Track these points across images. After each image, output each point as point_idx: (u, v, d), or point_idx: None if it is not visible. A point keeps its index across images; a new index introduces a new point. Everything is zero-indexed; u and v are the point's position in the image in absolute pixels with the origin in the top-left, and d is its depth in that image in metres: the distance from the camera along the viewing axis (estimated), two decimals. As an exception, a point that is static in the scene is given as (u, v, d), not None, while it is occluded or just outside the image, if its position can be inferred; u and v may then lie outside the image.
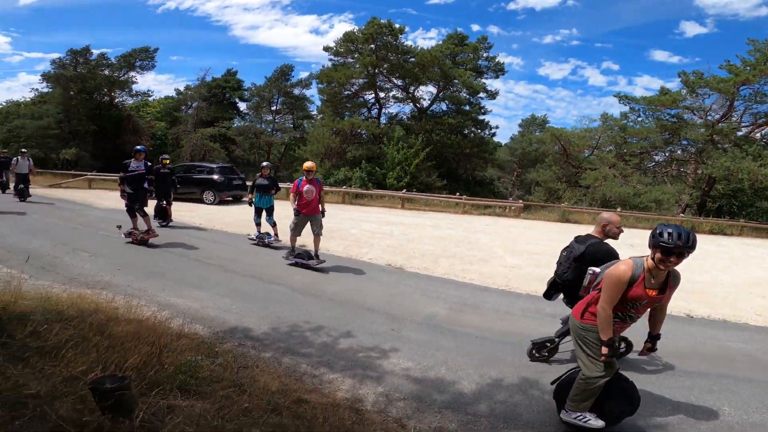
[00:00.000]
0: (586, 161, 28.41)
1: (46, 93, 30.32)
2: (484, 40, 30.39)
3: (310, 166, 7.09)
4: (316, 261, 7.01)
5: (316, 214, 7.14)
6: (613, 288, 2.65)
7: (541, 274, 7.92)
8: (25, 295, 3.89)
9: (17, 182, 13.81)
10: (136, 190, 7.99)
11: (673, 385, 3.85)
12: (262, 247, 8.49)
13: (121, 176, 8.00)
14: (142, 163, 8.04)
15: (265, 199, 8.72)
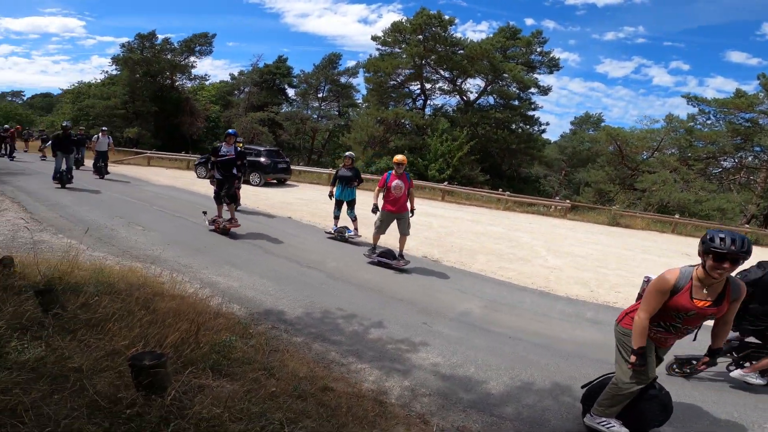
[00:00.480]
0: (644, 163, 26.65)
1: (114, 75, 32.38)
2: (539, 35, 29.12)
3: (401, 159, 6.66)
4: (401, 262, 6.64)
5: (404, 212, 6.70)
6: (652, 296, 2.56)
7: (584, 277, 7.58)
8: (81, 265, 4.18)
9: (96, 159, 14.17)
10: (226, 177, 7.63)
11: (716, 400, 3.61)
12: (340, 241, 8.13)
13: (211, 161, 7.67)
14: (232, 147, 7.67)
15: (348, 191, 8.26)
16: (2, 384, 1.96)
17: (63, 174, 11.09)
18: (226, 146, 7.64)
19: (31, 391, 1.96)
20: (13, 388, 1.94)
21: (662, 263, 9.91)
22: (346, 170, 8.31)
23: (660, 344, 2.78)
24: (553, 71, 29.95)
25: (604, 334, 4.94)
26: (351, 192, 8.31)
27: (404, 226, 6.72)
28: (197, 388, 2.36)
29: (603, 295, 6.66)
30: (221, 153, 7.61)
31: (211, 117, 34.97)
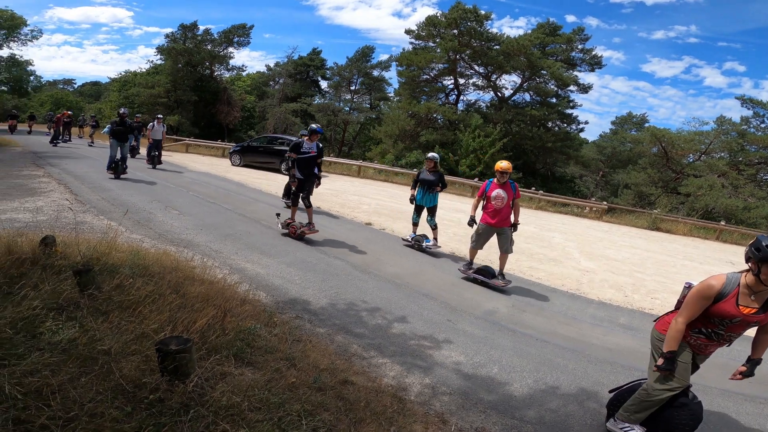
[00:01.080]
0: (690, 167, 25.26)
1: (159, 65, 33.66)
2: (580, 32, 28.00)
3: (506, 167, 5.81)
4: (501, 281, 5.90)
5: (505, 227, 5.92)
6: (695, 301, 2.49)
7: (619, 281, 7.29)
8: (119, 247, 4.34)
9: (150, 148, 13.72)
10: (307, 176, 7.04)
11: (750, 412, 3.40)
12: (417, 250, 7.46)
13: (292, 159, 7.01)
14: (314, 144, 7.05)
15: (429, 197, 7.48)
16: (33, 365, 2.02)
17: (118, 164, 10.70)
18: (308, 143, 7.00)
19: (60, 372, 2.02)
20: (43, 369, 2.00)
21: (704, 270, 9.38)
22: (429, 173, 7.45)
23: (699, 351, 2.69)
24: (595, 69, 28.78)
25: (638, 341, 4.74)
26: (433, 198, 7.50)
27: (505, 243, 5.93)
28: (220, 375, 2.39)
29: (638, 301, 6.37)
30: (303, 150, 6.97)
31: (247, 107, 35.79)
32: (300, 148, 6.98)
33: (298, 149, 6.97)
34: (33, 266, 3.15)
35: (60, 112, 21.91)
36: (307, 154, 7.01)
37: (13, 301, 2.53)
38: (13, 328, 2.27)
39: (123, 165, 10.91)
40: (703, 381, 3.91)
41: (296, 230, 6.98)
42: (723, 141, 24.78)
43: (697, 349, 2.66)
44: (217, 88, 32.85)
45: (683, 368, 2.60)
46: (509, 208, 5.90)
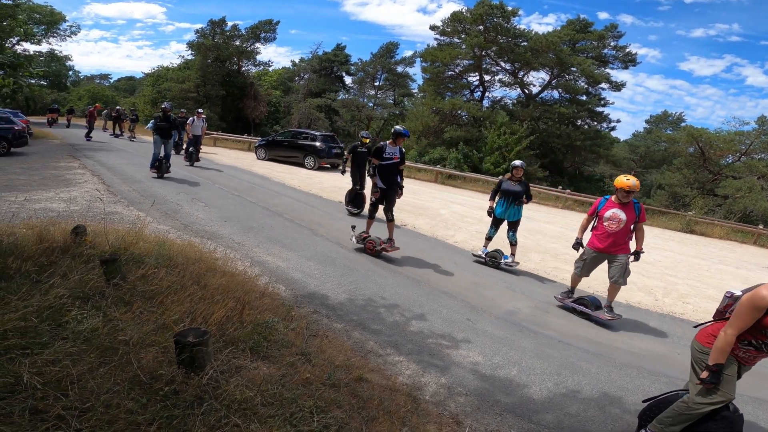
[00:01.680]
0: (728, 168, 24.05)
1: (189, 60, 34.49)
2: (613, 29, 26.91)
3: (632, 185, 4.76)
4: (608, 314, 5.01)
5: (619, 254, 4.99)
6: (746, 313, 2.36)
7: (649, 285, 7.02)
8: (146, 237, 4.46)
9: (189, 144, 13.07)
10: (390, 185, 6.22)
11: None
12: (492, 267, 6.60)
13: (374, 165, 6.18)
14: (397, 149, 6.24)
15: (513, 210, 6.62)
16: (55, 354, 2.07)
17: (162, 162, 10.06)
18: (391, 147, 6.19)
19: (80, 362, 2.06)
20: (64, 359, 2.04)
21: (740, 276, 8.92)
22: (514, 183, 6.57)
23: (745, 362, 2.57)
24: (629, 66, 27.64)
25: (667, 346, 4.55)
26: (517, 211, 6.65)
27: (617, 271, 4.98)
28: (235, 368, 2.41)
29: (669, 305, 6.11)
30: (386, 155, 6.15)
31: (272, 102, 36.26)
32: (382, 153, 6.13)
33: (381, 154, 6.13)
34: (63, 255, 3.26)
35: (92, 105, 21.80)
36: (390, 161, 6.17)
37: (41, 290, 2.62)
38: (38, 316, 2.34)
39: (167, 163, 10.22)
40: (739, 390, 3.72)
41: (375, 246, 6.23)
42: (764, 141, 23.46)
43: (744, 361, 2.55)
44: (245, 83, 33.39)
45: (729, 381, 2.49)
46: (627, 231, 4.93)
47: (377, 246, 6.23)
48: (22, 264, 2.97)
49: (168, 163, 10.26)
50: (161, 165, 10.10)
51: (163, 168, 10.14)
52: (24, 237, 3.63)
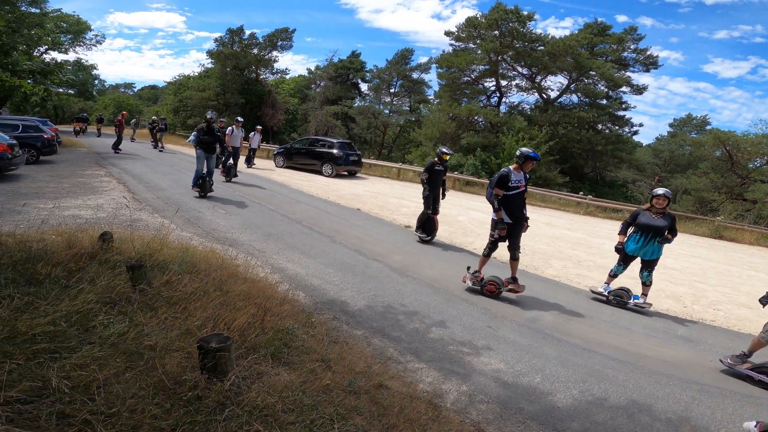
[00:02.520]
0: (757, 171, 23.22)
1: (209, 68, 35.30)
2: (633, 31, 26.55)
3: None
4: None
5: None
6: None
7: (678, 292, 6.79)
8: (170, 244, 4.54)
9: (227, 157, 11.72)
10: (516, 219, 5.31)
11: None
12: (616, 306, 5.68)
13: (497, 196, 5.23)
14: (522, 175, 5.28)
15: (653, 247, 5.56)
16: (83, 359, 2.11)
17: (205, 180, 9.07)
18: (516, 173, 5.23)
19: (107, 367, 2.09)
20: (91, 363, 2.07)
21: (775, 286, 8.54)
22: (655, 216, 5.54)
23: None
24: (650, 69, 27.14)
25: (698, 353, 4.40)
26: (657, 249, 5.58)
27: None
28: (256, 374, 2.42)
29: (699, 312, 5.90)
30: (512, 183, 5.21)
31: (290, 109, 36.80)
32: (508, 182, 5.19)
33: (506, 183, 5.19)
34: (91, 261, 3.35)
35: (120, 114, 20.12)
36: (516, 190, 5.25)
37: (70, 295, 2.69)
38: (67, 321, 2.40)
39: (210, 181, 9.21)
40: None
41: (497, 288, 5.32)
42: (794, 144, 22.60)
43: None
44: (263, 91, 33.98)
45: None
46: None
47: (501, 287, 5.32)
48: (51, 269, 3.06)
49: (211, 181, 9.29)
50: (204, 183, 9.06)
51: (207, 187, 9.12)
52: (53, 243, 3.75)
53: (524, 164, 5.24)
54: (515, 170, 5.26)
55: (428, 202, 7.68)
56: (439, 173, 7.72)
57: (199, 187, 9.11)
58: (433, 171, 7.69)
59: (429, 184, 7.65)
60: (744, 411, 3.33)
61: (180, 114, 33.49)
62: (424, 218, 7.80)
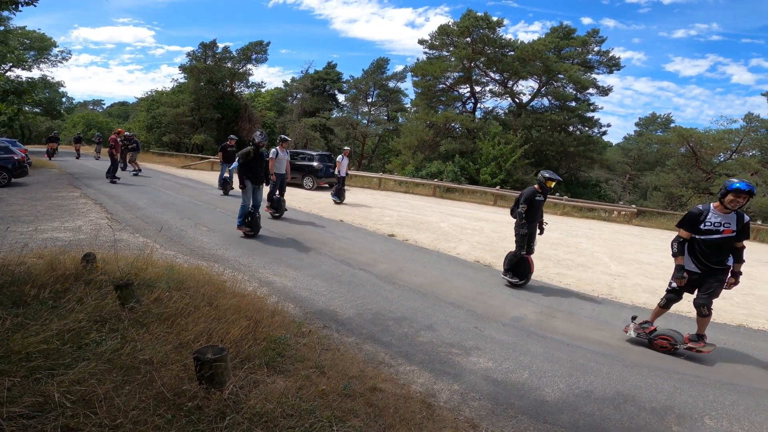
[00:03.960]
0: (721, 166, 24.42)
1: (182, 83, 34.80)
2: (595, 34, 27.63)
3: None
4: None
5: None
6: None
7: (653, 286, 7.07)
8: (155, 262, 4.53)
9: (273, 187, 9.68)
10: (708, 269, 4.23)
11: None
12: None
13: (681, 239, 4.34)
14: (733, 215, 4.07)
15: None
16: (80, 374, 2.14)
17: (254, 217, 7.55)
18: (718, 212, 4.12)
19: (105, 381, 2.13)
20: (89, 378, 2.11)
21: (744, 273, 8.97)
22: None
23: None
24: (613, 71, 28.23)
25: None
26: None
27: None
28: (253, 383, 2.47)
29: (675, 305, 6.15)
30: (707, 225, 4.14)
31: (267, 123, 36.66)
32: (698, 223, 4.18)
33: (696, 224, 4.20)
34: (76, 281, 3.33)
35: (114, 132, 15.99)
36: (714, 234, 4.11)
37: (59, 314, 2.69)
38: (60, 339, 2.42)
39: (257, 216, 7.65)
40: (748, 382, 3.77)
41: (673, 344, 4.35)
42: (753, 138, 23.90)
43: None
44: (238, 105, 33.71)
45: None
46: None
47: (678, 344, 4.33)
48: (38, 291, 3.04)
49: (258, 214, 7.71)
50: (254, 221, 7.56)
51: (257, 224, 7.59)
52: (35, 266, 3.70)
53: (737, 197, 3.95)
54: (716, 209, 4.12)
55: (523, 240, 6.22)
56: (539, 204, 6.32)
57: (248, 225, 7.55)
58: (533, 202, 6.20)
59: (527, 217, 6.17)
60: (725, 399, 3.48)
61: (154, 131, 32.84)
62: (515, 259, 6.29)
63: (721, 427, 3.09)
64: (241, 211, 7.57)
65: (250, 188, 7.56)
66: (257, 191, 7.68)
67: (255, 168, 7.60)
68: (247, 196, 7.53)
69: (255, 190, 7.63)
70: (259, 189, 7.76)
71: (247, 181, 7.55)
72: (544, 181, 6.15)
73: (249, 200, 7.55)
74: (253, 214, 7.56)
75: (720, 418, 3.20)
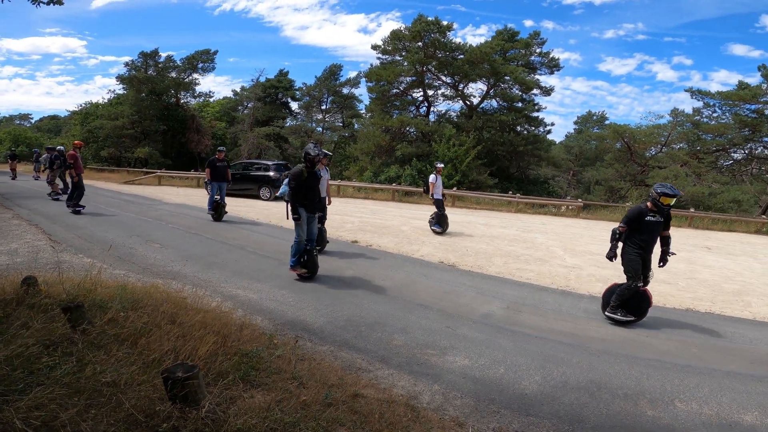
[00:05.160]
0: (653, 159, 26.49)
1: (121, 95, 32.77)
2: (537, 36, 29.23)
3: None
4: None
5: None
6: None
7: (606, 275, 7.46)
8: (104, 283, 4.20)
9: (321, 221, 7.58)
10: None
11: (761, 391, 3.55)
12: None
13: None
14: None
15: None
16: (37, 400, 1.96)
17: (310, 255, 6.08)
18: None
19: (67, 406, 1.96)
20: (49, 403, 1.94)
21: (683, 258, 9.72)
22: None
23: None
24: (554, 71, 29.93)
25: (633, 331, 4.86)
26: None
27: None
28: (229, 399, 2.35)
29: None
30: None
31: (217, 134, 35.39)
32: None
33: None
34: (18, 306, 3.04)
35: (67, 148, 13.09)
36: None
37: (4, 340, 2.44)
38: (9, 365, 2.22)
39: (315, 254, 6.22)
40: (705, 364, 4.05)
41: None
42: (680, 132, 26.13)
43: None
44: (185, 116, 32.28)
45: None
46: None
47: None
48: (-26, 322, 2.72)
49: (316, 251, 6.33)
50: (310, 259, 6.05)
51: (314, 264, 6.08)
52: (-33, 296, 3.31)
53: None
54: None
55: (636, 269, 5.01)
56: (654, 227, 5.01)
57: (304, 266, 6.05)
58: (642, 222, 4.95)
59: (635, 241, 5.03)
60: (689, 381, 3.67)
61: (90, 146, 30.63)
62: (629, 294, 5.00)
63: (692, 410, 3.23)
64: (294, 248, 6.09)
65: (304, 218, 6.10)
66: (312, 221, 6.26)
67: (310, 191, 6.13)
68: (301, 228, 6.06)
69: (310, 219, 6.21)
70: (315, 218, 6.35)
71: (301, 209, 6.04)
72: (660, 197, 4.80)
73: (304, 233, 6.09)
74: (310, 251, 6.11)
75: (689, 401, 3.35)
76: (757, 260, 10.18)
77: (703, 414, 3.17)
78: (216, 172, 10.79)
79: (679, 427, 2.98)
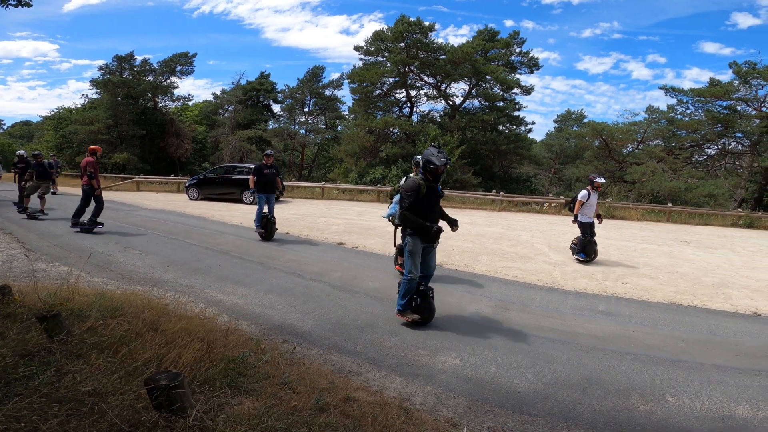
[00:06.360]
0: (631, 155, 27.15)
1: (95, 99, 31.72)
2: (516, 36, 29.66)
3: None
4: None
5: None
6: None
7: (590, 271, 7.57)
8: (82, 291, 4.04)
9: None
10: None
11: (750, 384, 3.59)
12: None
13: None
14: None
15: None
16: (15, 410, 1.88)
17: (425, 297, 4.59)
18: None
19: (47, 416, 1.89)
20: (29, 414, 1.86)
21: (663, 252, 9.96)
22: None
23: None
24: (534, 71, 30.42)
25: (621, 326, 4.91)
26: None
27: None
28: (217, 407, 2.27)
29: (611, 287, 6.63)
30: None
31: (198, 138, 34.74)
32: None
33: None
34: (-10, 320, 2.87)
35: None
36: None
37: (-24, 352, 2.30)
38: (-16, 376, 2.08)
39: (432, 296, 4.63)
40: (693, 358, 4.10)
41: None
42: (655, 129, 26.85)
43: None
44: (163, 120, 31.51)
45: None
46: None
47: None
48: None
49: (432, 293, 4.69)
50: (425, 303, 4.58)
51: (429, 308, 4.61)
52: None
53: None
54: None
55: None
56: None
57: (416, 311, 4.57)
58: None
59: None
60: (678, 375, 3.70)
61: (65, 151, 29.65)
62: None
63: (683, 404, 3.25)
64: (404, 287, 4.52)
65: (419, 248, 4.50)
66: (431, 252, 4.68)
67: (429, 212, 4.54)
68: (414, 262, 4.46)
69: (427, 250, 4.62)
70: (434, 249, 4.75)
71: (415, 239, 4.45)
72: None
73: (417, 270, 4.49)
74: (425, 292, 4.56)
75: (679, 395, 3.37)
76: (735, 253, 10.48)
77: (695, 408, 3.19)
78: (263, 180, 8.68)
79: (672, 422, 2.99)
